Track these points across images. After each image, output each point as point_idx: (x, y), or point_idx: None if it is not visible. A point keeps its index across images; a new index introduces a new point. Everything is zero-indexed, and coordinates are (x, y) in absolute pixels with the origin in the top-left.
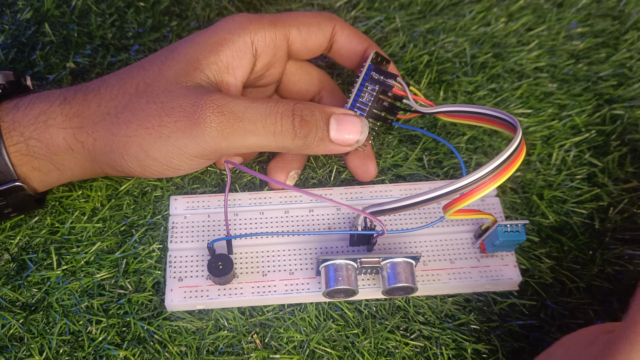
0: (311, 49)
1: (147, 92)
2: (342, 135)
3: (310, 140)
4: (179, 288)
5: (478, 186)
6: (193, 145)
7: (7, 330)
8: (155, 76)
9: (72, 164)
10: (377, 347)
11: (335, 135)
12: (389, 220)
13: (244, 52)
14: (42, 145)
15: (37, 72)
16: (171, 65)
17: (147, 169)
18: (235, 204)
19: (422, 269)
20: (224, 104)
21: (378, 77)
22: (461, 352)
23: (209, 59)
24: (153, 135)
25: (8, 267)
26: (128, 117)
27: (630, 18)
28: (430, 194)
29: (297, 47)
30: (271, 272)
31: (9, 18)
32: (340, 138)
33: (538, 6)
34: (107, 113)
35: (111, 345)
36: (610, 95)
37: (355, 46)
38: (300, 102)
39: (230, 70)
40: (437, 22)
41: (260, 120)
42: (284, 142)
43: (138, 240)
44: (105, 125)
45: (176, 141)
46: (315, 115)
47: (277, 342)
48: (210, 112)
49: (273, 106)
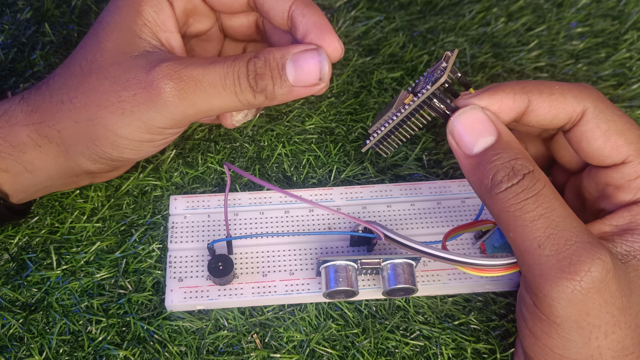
0: (224, 3)
1: (93, 68)
2: (301, 78)
3: (270, 91)
4: (179, 288)
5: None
6: (160, 117)
7: (7, 330)
8: (95, 50)
9: (44, 163)
10: (377, 346)
11: (294, 79)
12: (389, 222)
13: (160, 3)
14: (8, 144)
15: (37, 72)
16: (107, 36)
17: (123, 149)
18: (235, 203)
19: (423, 269)
20: (179, 69)
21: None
22: (461, 352)
23: (137, 23)
24: (115, 113)
25: (8, 266)
26: (84, 100)
27: (630, 18)
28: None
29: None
30: (271, 273)
31: (9, 18)
32: (300, 81)
33: (538, 6)
34: (60, 101)
35: (111, 345)
36: (610, 95)
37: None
38: (255, 54)
39: (161, 26)
40: (437, 22)
41: (220, 83)
42: (247, 100)
43: (138, 240)
44: (64, 114)
45: (141, 115)
46: (269, 64)
47: (277, 341)
48: (167, 80)
49: (229, 65)
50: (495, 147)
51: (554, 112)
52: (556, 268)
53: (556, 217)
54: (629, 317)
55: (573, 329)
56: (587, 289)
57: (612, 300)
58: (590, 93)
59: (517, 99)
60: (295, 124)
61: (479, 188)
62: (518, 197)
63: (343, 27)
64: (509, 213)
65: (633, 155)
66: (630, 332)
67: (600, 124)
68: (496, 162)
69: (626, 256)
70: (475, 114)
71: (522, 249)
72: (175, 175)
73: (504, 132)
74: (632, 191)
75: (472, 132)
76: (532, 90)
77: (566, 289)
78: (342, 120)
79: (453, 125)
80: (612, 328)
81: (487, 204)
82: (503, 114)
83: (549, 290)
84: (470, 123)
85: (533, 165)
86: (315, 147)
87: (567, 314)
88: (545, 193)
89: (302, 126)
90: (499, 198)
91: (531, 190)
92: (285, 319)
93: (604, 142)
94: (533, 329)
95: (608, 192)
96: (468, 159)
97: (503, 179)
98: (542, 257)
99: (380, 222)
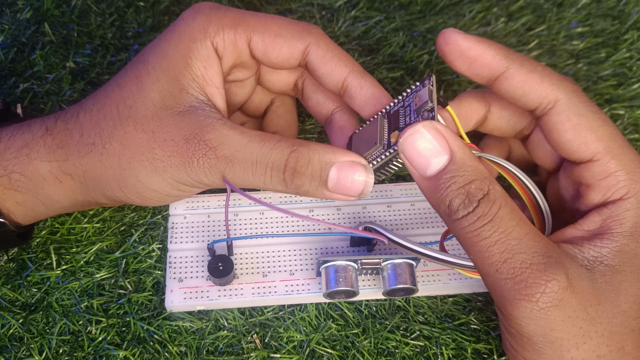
0: (276, 62)
1: (132, 116)
2: (341, 190)
3: (303, 191)
4: (179, 289)
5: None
6: (190, 180)
7: (7, 330)
8: (137, 96)
9: (61, 197)
10: (377, 347)
11: (333, 187)
12: (388, 223)
13: (210, 59)
14: (26, 179)
15: (37, 72)
16: (151, 84)
17: (147, 199)
18: (235, 204)
19: (423, 269)
20: (216, 146)
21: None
22: (461, 352)
23: (185, 77)
24: (148, 169)
25: (8, 267)
26: (118, 149)
27: (630, 18)
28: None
29: (260, 56)
30: (271, 273)
31: (9, 18)
32: (339, 190)
33: (538, 6)
34: (92, 143)
35: (111, 345)
36: (610, 95)
37: (332, 70)
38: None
39: (208, 82)
40: (437, 21)
41: (250, 168)
42: (276, 189)
43: (138, 240)
44: (93, 157)
45: (172, 175)
46: (312, 166)
47: (277, 341)
48: (202, 154)
49: (266, 152)
50: (449, 169)
51: (526, 89)
52: (514, 290)
53: (511, 241)
54: (599, 326)
55: (543, 344)
56: (546, 308)
57: (576, 313)
58: (567, 85)
59: (496, 60)
60: None
61: (438, 211)
62: (474, 225)
63: (343, 26)
64: (467, 239)
65: (602, 153)
66: (605, 339)
67: (572, 117)
68: (451, 187)
69: (593, 262)
70: (426, 131)
71: (482, 272)
72: None
73: (457, 149)
74: (602, 190)
75: (424, 153)
76: (515, 60)
77: (525, 309)
78: None
79: (404, 145)
80: (582, 339)
81: (448, 226)
82: (476, 65)
83: (511, 310)
84: (420, 144)
85: (488, 184)
86: None
87: (532, 330)
88: (501, 216)
89: (302, 126)
90: (456, 224)
91: (486, 216)
92: (285, 319)
93: (574, 136)
94: (512, 343)
95: (581, 191)
96: (424, 180)
97: (459, 207)
98: (501, 281)
99: (380, 222)
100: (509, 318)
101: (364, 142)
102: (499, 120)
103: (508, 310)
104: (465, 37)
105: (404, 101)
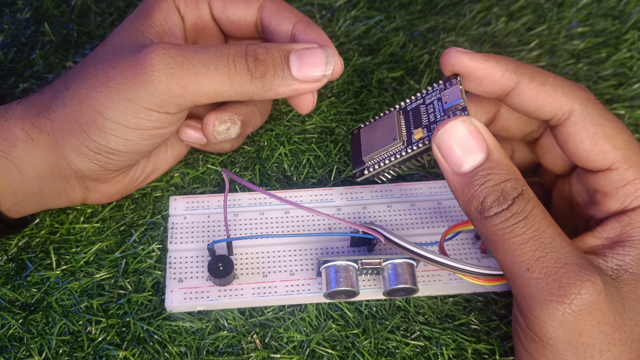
0: (233, 20)
1: (92, 58)
2: (306, 71)
3: (269, 80)
4: (179, 289)
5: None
6: (144, 94)
7: (7, 331)
8: (101, 47)
9: (32, 157)
10: (378, 347)
11: (298, 71)
12: (389, 223)
13: (170, 13)
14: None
15: (37, 72)
16: (113, 35)
17: (109, 136)
18: (235, 204)
19: (423, 269)
20: (170, 46)
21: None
22: (461, 352)
23: (144, 24)
24: (103, 93)
25: (7, 267)
26: (77, 84)
27: (631, 18)
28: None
29: (218, 15)
30: (272, 273)
31: (9, 17)
32: (304, 74)
33: (538, 6)
34: (58, 92)
35: (111, 346)
36: (610, 95)
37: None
38: (253, 42)
39: (167, 32)
40: (438, 21)
41: (212, 62)
42: (242, 85)
43: (137, 240)
44: (58, 101)
45: (126, 92)
46: (271, 53)
47: (277, 342)
48: (155, 54)
49: (224, 48)
50: (485, 167)
51: (539, 103)
52: (546, 291)
53: (545, 239)
54: (623, 334)
55: (567, 350)
56: (578, 311)
57: (605, 320)
58: (581, 94)
59: (506, 76)
60: (295, 123)
61: (468, 209)
62: (508, 221)
63: (343, 26)
64: (497, 237)
65: (620, 162)
66: (627, 347)
67: (588, 126)
68: (486, 184)
69: (617, 271)
70: (464, 127)
71: (511, 272)
72: (176, 176)
73: (494, 148)
74: (620, 199)
75: (461, 148)
76: (525, 73)
77: (557, 311)
78: (343, 120)
79: (440, 139)
80: (607, 346)
81: (475, 225)
82: (486, 84)
83: (540, 313)
84: (459, 137)
85: (523, 185)
86: (315, 147)
87: (560, 335)
88: (534, 214)
89: (302, 126)
90: (488, 222)
91: (521, 214)
92: (285, 319)
93: (591, 146)
94: (528, 349)
95: (597, 198)
96: (456, 176)
97: (493, 204)
98: (532, 280)
99: (380, 222)
100: (535, 322)
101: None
102: (508, 122)
103: (536, 312)
104: (470, 57)
105: (424, 99)
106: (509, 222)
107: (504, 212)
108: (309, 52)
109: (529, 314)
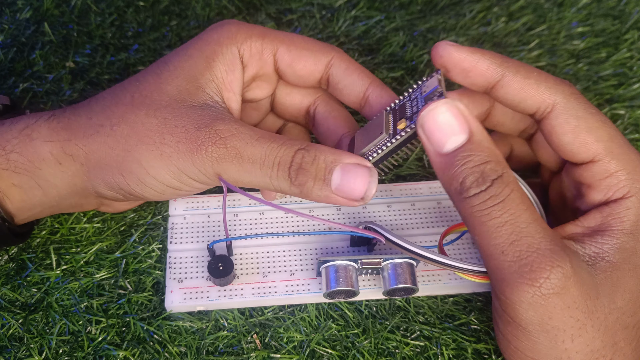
0: (300, 75)
1: (146, 104)
2: (344, 190)
3: (306, 189)
4: (179, 289)
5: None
6: (193, 169)
7: (7, 330)
8: (153, 88)
9: (59, 180)
10: (378, 347)
11: (337, 188)
12: (389, 223)
13: (234, 64)
14: (25, 159)
15: (37, 72)
16: (169, 80)
17: (148, 189)
18: (235, 204)
19: (423, 269)
20: (227, 136)
21: None
22: (461, 352)
23: (205, 77)
24: (154, 153)
25: (7, 267)
26: (126, 131)
27: (631, 17)
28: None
29: (284, 68)
30: (271, 273)
31: (9, 17)
32: (342, 192)
33: (538, 6)
34: (100, 125)
35: (111, 346)
36: (610, 95)
37: (354, 81)
38: (306, 146)
39: (227, 86)
40: (438, 21)
41: (258, 162)
42: (280, 187)
43: (138, 240)
44: (98, 138)
45: (177, 162)
46: (316, 164)
47: (277, 342)
48: (212, 142)
49: (273, 149)
50: (466, 148)
51: (523, 96)
52: (517, 273)
53: (520, 224)
54: (596, 320)
55: (539, 332)
56: (547, 294)
57: (575, 304)
58: (564, 88)
59: (491, 68)
60: None
61: (449, 189)
62: (485, 203)
63: (343, 26)
64: (475, 218)
65: (602, 154)
66: (600, 334)
67: (570, 119)
68: (466, 165)
69: (594, 258)
70: (447, 109)
71: (486, 254)
72: None
73: (476, 130)
74: (603, 190)
75: (443, 129)
76: (510, 67)
77: (526, 293)
78: None
79: (424, 120)
80: (578, 331)
81: (455, 205)
82: (472, 76)
83: (510, 294)
84: (441, 119)
85: (503, 167)
86: None
87: (530, 317)
88: (512, 198)
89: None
90: (466, 203)
91: (498, 196)
92: (285, 319)
93: (573, 138)
94: (504, 331)
95: (582, 190)
96: (438, 156)
97: (472, 185)
98: (505, 263)
99: (380, 222)
100: (507, 303)
101: (367, 136)
102: (503, 117)
103: (507, 293)
104: (458, 49)
105: (410, 96)
106: (486, 205)
107: (482, 194)
108: (354, 171)
109: (502, 295)
